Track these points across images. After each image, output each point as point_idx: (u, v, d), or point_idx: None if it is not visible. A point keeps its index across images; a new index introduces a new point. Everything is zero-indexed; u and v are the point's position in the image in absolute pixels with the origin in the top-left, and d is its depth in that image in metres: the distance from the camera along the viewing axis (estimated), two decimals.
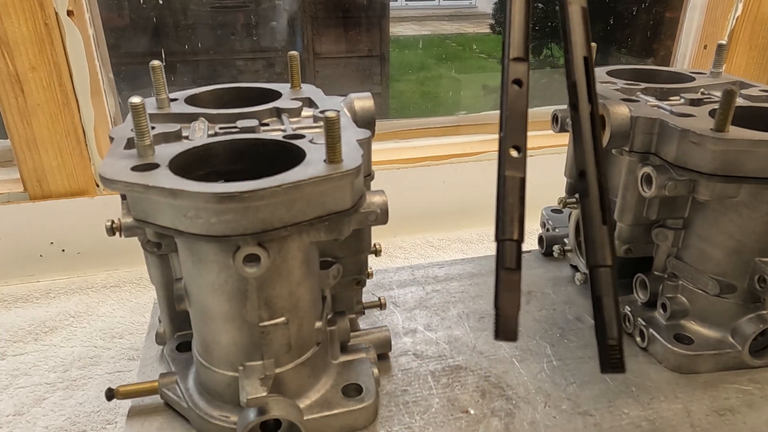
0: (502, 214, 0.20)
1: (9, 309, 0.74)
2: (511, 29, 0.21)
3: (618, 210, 0.56)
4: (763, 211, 0.49)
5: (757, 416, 0.48)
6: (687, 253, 0.54)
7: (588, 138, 0.21)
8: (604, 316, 0.20)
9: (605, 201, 0.20)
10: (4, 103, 0.75)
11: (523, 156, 0.20)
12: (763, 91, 0.59)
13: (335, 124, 0.37)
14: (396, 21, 1.90)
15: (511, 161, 0.20)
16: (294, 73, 0.56)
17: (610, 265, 0.20)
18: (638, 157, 0.53)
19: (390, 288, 0.68)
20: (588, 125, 0.21)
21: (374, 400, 0.47)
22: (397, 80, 1.62)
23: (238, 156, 0.44)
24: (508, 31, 0.21)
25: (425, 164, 0.95)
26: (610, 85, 0.61)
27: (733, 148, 0.46)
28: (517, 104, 0.21)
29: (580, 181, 0.21)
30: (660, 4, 1.21)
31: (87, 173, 0.82)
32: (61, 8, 0.74)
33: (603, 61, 1.11)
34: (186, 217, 0.36)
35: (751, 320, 0.52)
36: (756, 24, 1.01)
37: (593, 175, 0.21)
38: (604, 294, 0.20)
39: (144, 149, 0.40)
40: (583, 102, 0.21)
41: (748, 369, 0.53)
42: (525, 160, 0.20)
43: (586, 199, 0.21)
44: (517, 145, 0.20)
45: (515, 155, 0.20)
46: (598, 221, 0.20)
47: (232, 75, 1.14)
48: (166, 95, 0.50)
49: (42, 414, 0.58)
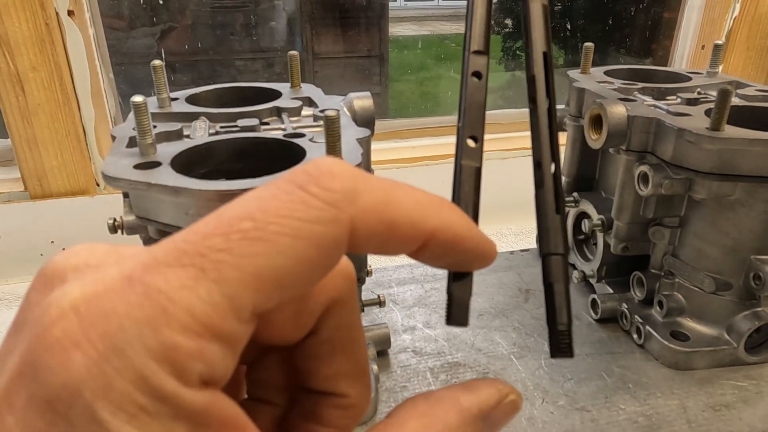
0: (458, 201, 0.21)
1: (10, 308, 0.74)
2: (473, 22, 0.22)
3: (615, 208, 0.56)
4: (758, 209, 0.49)
5: (752, 411, 0.49)
6: (683, 251, 0.54)
7: (545, 131, 0.21)
8: (555, 302, 0.21)
9: (559, 191, 0.21)
10: (5, 102, 0.76)
11: (479, 146, 0.21)
12: (759, 91, 0.60)
13: (335, 123, 0.38)
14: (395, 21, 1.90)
15: (468, 151, 0.21)
16: (294, 73, 0.57)
17: (562, 254, 0.21)
18: (635, 156, 0.53)
19: (389, 286, 0.68)
20: (545, 119, 0.22)
21: (374, 396, 0.47)
22: (397, 80, 1.62)
23: (239, 154, 0.44)
24: (469, 25, 0.22)
25: (424, 164, 0.96)
26: (608, 84, 0.61)
27: (728, 147, 0.47)
28: (476, 96, 0.21)
29: (536, 172, 0.21)
30: (658, 5, 1.22)
31: (87, 172, 0.82)
32: (62, 8, 0.75)
33: (601, 61, 1.12)
34: (188, 215, 0.37)
35: (747, 317, 0.52)
36: (753, 24, 1.02)
37: (548, 166, 0.21)
38: (555, 281, 0.21)
39: (146, 148, 0.40)
40: (541, 96, 0.22)
41: (744, 365, 0.54)
42: (482, 150, 0.21)
43: (541, 189, 0.21)
44: (474, 135, 0.21)
45: (472, 145, 0.21)
46: (551, 211, 0.21)
47: (232, 75, 1.14)
48: (167, 94, 0.51)
49: None
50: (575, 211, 0.65)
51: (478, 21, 0.22)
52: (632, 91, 0.60)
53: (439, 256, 0.18)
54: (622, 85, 0.61)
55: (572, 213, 0.65)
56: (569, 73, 0.66)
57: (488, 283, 0.68)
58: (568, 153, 0.66)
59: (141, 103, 0.39)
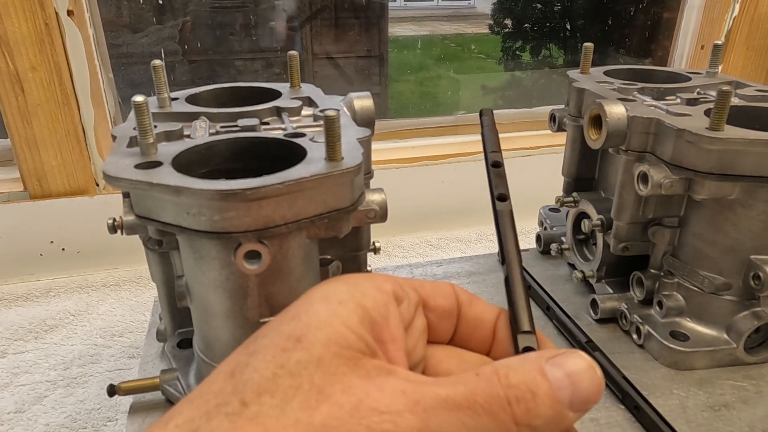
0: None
1: (9, 308, 0.74)
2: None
3: (615, 209, 0.56)
4: (758, 209, 0.49)
5: (752, 411, 0.49)
6: (683, 251, 0.54)
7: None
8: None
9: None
10: (5, 102, 0.76)
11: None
12: (758, 91, 0.60)
13: (335, 123, 0.38)
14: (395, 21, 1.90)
15: None
16: (294, 73, 0.57)
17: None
18: (635, 156, 0.53)
19: None
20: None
21: None
22: (396, 80, 1.62)
23: (239, 154, 0.45)
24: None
25: (424, 164, 0.96)
26: (607, 84, 0.61)
27: (728, 147, 0.47)
28: None
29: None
30: (657, 5, 1.22)
31: (87, 173, 0.82)
32: (62, 8, 0.75)
33: (601, 61, 1.12)
34: (189, 214, 0.37)
35: (746, 317, 0.52)
36: (753, 24, 1.02)
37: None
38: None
39: (147, 147, 0.40)
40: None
41: (743, 365, 0.54)
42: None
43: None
44: None
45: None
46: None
47: (231, 75, 1.14)
48: (168, 94, 0.51)
49: (43, 411, 0.58)
50: (575, 211, 0.65)
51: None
52: (632, 91, 0.60)
53: None
54: (622, 85, 0.61)
55: (572, 213, 0.65)
56: (569, 73, 0.66)
57: (488, 283, 0.69)
58: (567, 153, 0.66)
59: (142, 103, 0.39)
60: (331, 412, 0.19)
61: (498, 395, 0.20)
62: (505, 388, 0.20)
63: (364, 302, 0.22)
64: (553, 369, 0.21)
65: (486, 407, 0.20)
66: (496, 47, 2.03)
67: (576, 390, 0.20)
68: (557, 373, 0.20)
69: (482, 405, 0.20)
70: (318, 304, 0.22)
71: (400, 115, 1.18)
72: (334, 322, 0.21)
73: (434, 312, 0.26)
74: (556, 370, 0.21)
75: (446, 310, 0.26)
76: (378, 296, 0.23)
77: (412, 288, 0.25)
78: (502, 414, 0.20)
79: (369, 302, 0.22)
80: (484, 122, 0.32)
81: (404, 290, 0.24)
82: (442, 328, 0.26)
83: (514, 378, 0.20)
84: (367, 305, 0.22)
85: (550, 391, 0.20)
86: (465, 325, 0.26)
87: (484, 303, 0.27)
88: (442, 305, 0.26)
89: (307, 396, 0.19)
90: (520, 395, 0.20)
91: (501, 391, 0.20)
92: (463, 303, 0.26)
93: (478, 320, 0.26)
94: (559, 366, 0.21)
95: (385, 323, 0.22)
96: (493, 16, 2.02)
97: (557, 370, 0.21)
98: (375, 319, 0.22)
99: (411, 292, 0.25)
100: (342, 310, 0.21)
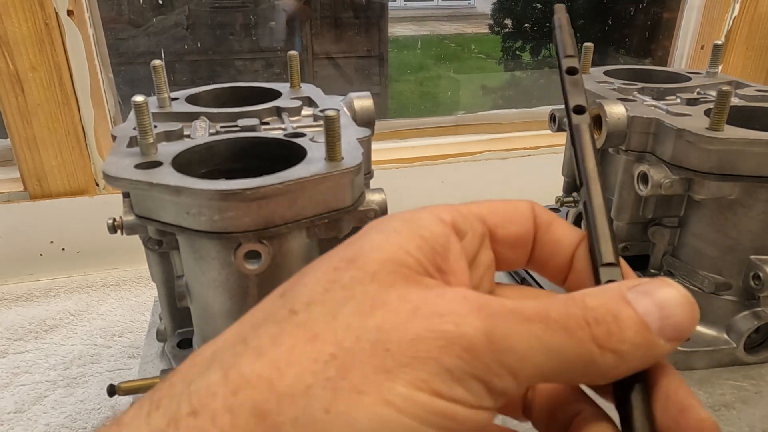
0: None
1: (9, 308, 0.74)
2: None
3: (615, 208, 0.56)
4: (758, 209, 0.49)
5: (752, 411, 0.49)
6: (683, 251, 0.54)
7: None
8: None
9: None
10: (4, 102, 0.75)
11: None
12: (758, 91, 0.60)
13: (335, 123, 0.38)
14: (395, 21, 1.91)
15: None
16: (294, 73, 0.57)
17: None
18: (635, 156, 0.53)
19: None
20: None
21: None
22: (396, 80, 1.63)
23: (239, 154, 0.45)
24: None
25: (424, 164, 0.96)
26: (607, 84, 0.61)
27: (728, 147, 0.47)
28: None
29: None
30: (657, 5, 1.22)
31: (87, 173, 0.82)
32: (61, 8, 0.75)
33: (601, 61, 1.12)
34: (189, 214, 0.37)
35: (746, 317, 0.52)
36: (753, 24, 1.02)
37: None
38: None
39: (147, 147, 0.40)
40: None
41: (743, 365, 0.54)
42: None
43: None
44: None
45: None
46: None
47: (231, 75, 1.14)
48: (168, 94, 0.51)
49: (43, 411, 0.58)
50: (575, 211, 0.65)
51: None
52: (632, 91, 0.60)
53: None
54: (622, 85, 0.61)
55: (572, 213, 0.65)
56: None
57: None
58: (567, 153, 0.67)
59: (142, 103, 0.39)
60: (386, 317, 0.17)
61: (575, 314, 0.18)
62: (582, 309, 0.18)
63: (422, 233, 0.20)
64: (639, 296, 0.18)
65: (561, 323, 0.17)
66: (496, 47, 2.03)
67: (666, 316, 0.18)
68: (644, 301, 0.18)
69: (556, 320, 0.17)
70: (373, 233, 0.20)
71: (400, 115, 1.18)
72: (391, 246, 0.19)
73: (504, 242, 0.23)
74: (643, 298, 0.18)
75: (519, 237, 0.23)
76: (437, 228, 0.21)
77: (478, 218, 0.22)
78: (580, 332, 0.17)
79: (426, 233, 0.20)
80: (557, 21, 0.27)
81: (468, 221, 0.22)
82: (514, 257, 0.24)
83: (592, 302, 0.18)
84: (424, 235, 0.20)
85: (636, 316, 0.18)
86: (540, 249, 0.23)
87: (565, 225, 0.24)
88: (515, 233, 0.23)
89: (361, 303, 0.18)
90: (599, 317, 0.17)
91: (578, 311, 0.18)
92: (540, 226, 0.23)
93: (555, 245, 0.23)
94: (645, 294, 0.18)
95: (444, 255, 0.20)
96: (493, 16, 2.02)
97: (644, 297, 0.18)
98: (435, 248, 0.20)
99: (476, 223, 0.22)
100: (398, 237, 0.20)
